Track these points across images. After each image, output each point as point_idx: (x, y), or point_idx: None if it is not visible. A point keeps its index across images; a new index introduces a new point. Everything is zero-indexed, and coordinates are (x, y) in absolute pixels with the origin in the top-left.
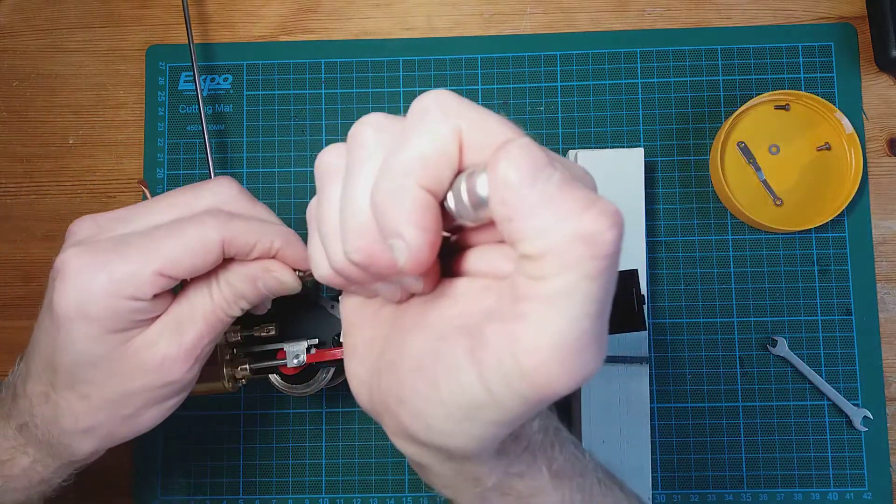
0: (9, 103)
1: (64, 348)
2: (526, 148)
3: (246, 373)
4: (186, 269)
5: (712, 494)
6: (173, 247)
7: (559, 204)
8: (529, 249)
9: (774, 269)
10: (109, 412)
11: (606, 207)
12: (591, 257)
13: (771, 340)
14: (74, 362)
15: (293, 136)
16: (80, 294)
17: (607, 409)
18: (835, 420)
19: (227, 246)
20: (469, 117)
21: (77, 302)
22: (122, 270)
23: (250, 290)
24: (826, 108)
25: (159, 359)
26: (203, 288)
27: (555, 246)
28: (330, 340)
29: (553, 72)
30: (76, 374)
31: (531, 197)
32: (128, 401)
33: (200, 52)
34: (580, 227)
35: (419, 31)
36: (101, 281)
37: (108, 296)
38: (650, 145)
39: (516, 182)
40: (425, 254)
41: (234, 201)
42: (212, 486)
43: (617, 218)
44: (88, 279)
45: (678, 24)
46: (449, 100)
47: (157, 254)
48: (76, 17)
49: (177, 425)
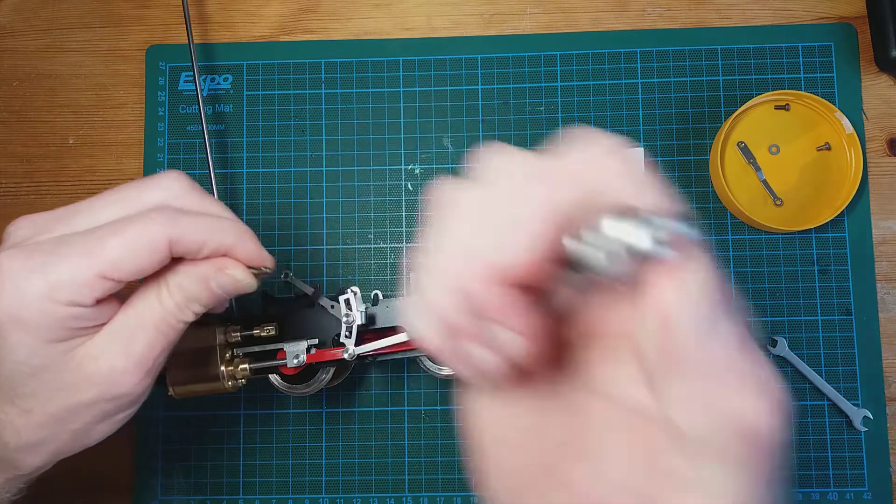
0: (9, 103)
1: (1, 359)
2: (705, 279)
3: (246, 373)
4: (130, 270)
5: None
6: (116, 247)
7: (729, 376)
8: (682, 423)
9: (774, 269)
10: (55, 428)
11: (776, 392)
12: (754, 456)
13: (771, 340)
14: (13, 373)
15: (293, 136)
16: (14, 299)
17: None
18: (835, 420)
19: (175, 245)
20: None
21: (11, 308)
22: (59, 273)
23: (203, 292)
24: (826, 108)
25: (106, 371)
26: (151, 293)
27: (714, 432)
28: (330, 340)
29: (553, 72)
30: (16, 387)
31: (696, 353)
32: (74, 416)
33: (200, 52)
34: (747, 418)
35: (419, 31)
36: (36, 284)
37: (44, 301)
38: (650, 145)
39: (686, 328)
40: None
41: (184, 196)
42: (212, 486)
43: (784, 407)
44: (23, 283)
45: (678, 24)
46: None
47: (99, 255)
48: (76, 17)
49: (177, 425)
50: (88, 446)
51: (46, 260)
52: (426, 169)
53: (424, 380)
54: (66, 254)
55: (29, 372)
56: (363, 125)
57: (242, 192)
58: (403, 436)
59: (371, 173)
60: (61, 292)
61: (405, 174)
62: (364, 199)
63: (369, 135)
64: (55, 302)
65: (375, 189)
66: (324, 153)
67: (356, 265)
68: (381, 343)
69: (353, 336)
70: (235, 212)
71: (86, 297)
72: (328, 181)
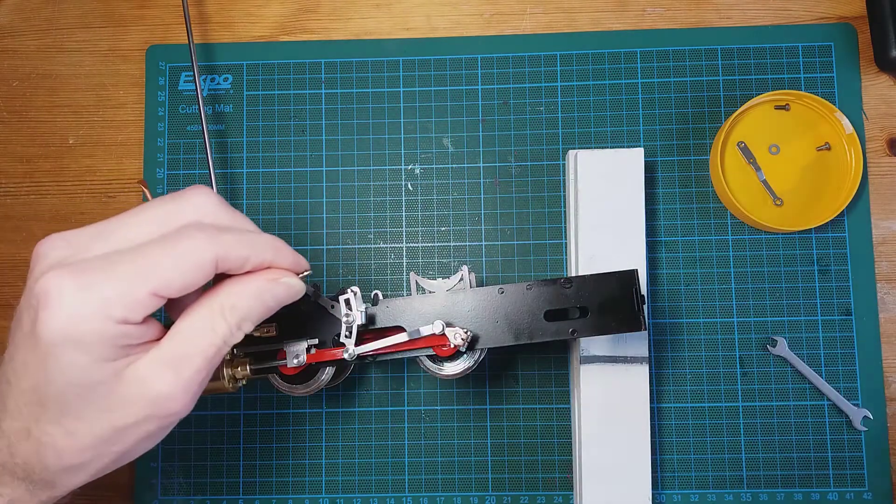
0: (9, 103)
1: (52, 380)
2: None
3: (246, 373)
4: (179, 288)
5: (712, 494)
6: (168, 266)
7: None
8: None
9: (774, 269)
10: (99, 449)
11: None
12: None
13: (771, 340)
14: (61, 394)
15: (293, 136)
16: (69, 319)
17: (607, 409)
18: (835, 420)
19: (222, 261)
20: None
21: (66, 328)
22: (113, 291)
23: (258, 308)
24: (826, 108)
25: (154, 395)
26: (203, 320)
27: None
28: (330, 340)
29: (553, 72)
30: (63, 409)
31: None
32: (119, 437)
33: (200, 52)
34: None
35: (419, 31)
36: (90, 303)
37: (98, 319)
38: (650, 145)
39: None
40: None
41: (216, 212)
42: (212, 486)
43: None
44: (78, 302)
45: (678, 24)
46: None
47: (152, 273)
48: (76, 17)
49: (177, 425)
50: (126, 462)
51: (99, 278)
52: (426, 169)
53: (424, 380)
54: (119, 272)
55: (78, 393)
56: (363, 125)
57: (242, 192)
58: (403, 436)
59: (371, 173)
60: (115, 310)
61: (405, 174)
62: (364, 199)
63: (369, 135)
64: (108, 320)
65: (375, 189)
66: (324, 153)
67: (356, 265)
68: (381, 343)
69: (353, 336)
70: None
71: (137, 314)
72: (328, 181)
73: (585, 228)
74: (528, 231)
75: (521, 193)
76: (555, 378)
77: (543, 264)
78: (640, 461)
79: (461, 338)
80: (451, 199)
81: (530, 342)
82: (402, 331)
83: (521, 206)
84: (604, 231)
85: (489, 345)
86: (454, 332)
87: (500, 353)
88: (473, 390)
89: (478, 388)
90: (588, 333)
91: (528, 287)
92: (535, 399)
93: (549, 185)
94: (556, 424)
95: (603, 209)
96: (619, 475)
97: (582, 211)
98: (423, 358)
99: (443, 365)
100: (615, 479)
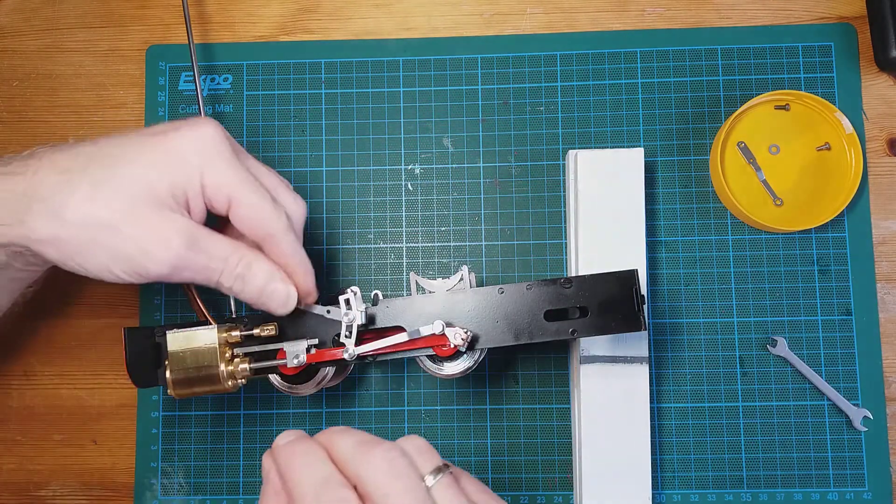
0: (9, 103)
1: (147, 177)
2: None
3: (246, 373)
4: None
5: (712, 494)
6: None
7: None
8: None
9: (774, 269)
10: (82, 234)
11: None
12: None
13: (771, 340)
14: (139, 183)
15: (293, 136)
16: (208, 143)
17: (607, 408)
18: (835, 420)
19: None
20: None
21: (200, 148)
22: (233, 157)
23: (251, 292)
24: (826, 108)
25: (155, 246)
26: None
27: None
28: (330, 340)
29: (553, 72)
30: (123, 191)
31: None
32: (99, 244)
33: (200, 52)
34: None
35: (419, 31)
36: (223, 148)
37: (220, 159)
38: (650, 145)
39: None
40: None
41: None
42: (212, 486)
43: None
44: (220, 140)
45: (678, 24)
46: None
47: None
48: (76, 17)
49: (177, 425)
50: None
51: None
52: (426, 169)
53: (424, 380)
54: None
55: (148, 196)
56: (363, 125)
57: None
58: (403, 436)
59: (371, 173)
60: (222, 171)
61: (405, 174)
62: (364, 199)
63: (369, 135)
64: (214, 170)
65: (375, 189)
66: (324, 153)
67: (356, 265)
68: (381, 343)
69: (353, 336)
70: None
71: (220, 187)
72: (328, 181)
73: (585, 228)
74: (528, 231)
75: (521, 193)
76: (555, 378)
77: (543, 264)
78: (640, 461)
79: (461, 338)
80: (451, 199)
81: (530, 342)
82: (402, 331)
83: (521, 206)
84: (604, 231)
85: (489, 345)
86: (454, 332)
87: (500, 353)
88: (473, 390)
89: (478, 388)
90: (588, 333)
91: (528, 287)
92: (535, 399)
93: (549, 185)
94: (556, 424)
95: (603, 209)
96: (619, 475)
97: (582, 211)
98: (423, 358)
99: (443, 365)
100: (615, 479)
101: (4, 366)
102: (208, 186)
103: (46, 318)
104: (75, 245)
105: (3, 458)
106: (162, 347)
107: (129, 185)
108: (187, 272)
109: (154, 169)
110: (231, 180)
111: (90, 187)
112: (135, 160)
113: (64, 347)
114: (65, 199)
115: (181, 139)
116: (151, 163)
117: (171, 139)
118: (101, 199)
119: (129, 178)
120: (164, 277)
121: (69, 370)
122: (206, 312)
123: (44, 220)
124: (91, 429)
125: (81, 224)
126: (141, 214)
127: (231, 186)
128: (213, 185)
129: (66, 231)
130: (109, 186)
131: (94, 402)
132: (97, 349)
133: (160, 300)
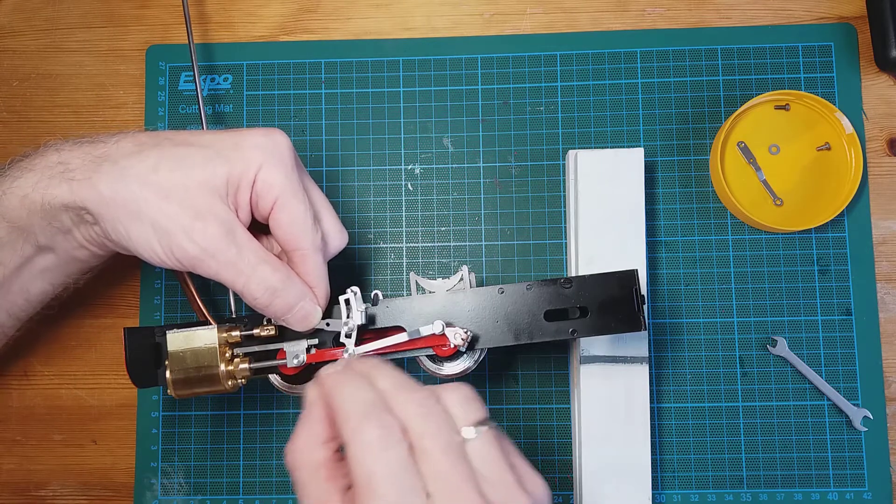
0: (9, 103)
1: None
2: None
3: (246, 373)
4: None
5: (712, 494)
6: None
7: None
8: None
9: (774, 269)
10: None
11: None
12: None
13: (771, 340)
14: (200, 166)
15: (293, 137)
16: (273, 146)
17: (607, 408)
18: (835, 420)
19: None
20: None
21: (265, 147)
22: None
23: (264, 297)
24: (826, 108)
25: (177, 243)
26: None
27: None
28: (330, 340)
29: (553, 72)
30: (184, 169)
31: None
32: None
33: (200, 52)
34: None
35: (419, 31)
36: (287, 155)
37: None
38: (650, 145)
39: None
40: None
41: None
42: (212, 486)
43: None
44: (285, 147)
45: (678, 24)
46: None
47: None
48: (76, 17)
49: (177, 425)
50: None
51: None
52: (426, 169)
53: (424, 380)
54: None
55: (198, 186)
56: (363, 125)
57: None
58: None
59: (371, 173)
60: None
61: (405, 174)
62: (364, 199)
63: (369, 135)
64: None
65: (375, 189)
66: (324, 153)
67: (356, 265)
68: (381, 343)
69: (354, 336)
70: None
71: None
72: (328, 181)
73: (585, 228)
74: (528, 231)
75: (521, 193)
76: (555, 378)
77: (543, 264)
78: (640, 461)
79: (461, 338)
80: (451, 199)
81: (530, 342)
82: (402, 331)
83: (521, 206)
84: (604, 231)
85: (489, 345)
86: (454, 332)
87: (500, 353)
88: None
89: (478, 388)
90: (588, 333)
91: (528, 287)
92: (535, 399)
93: (549, 185)
94: (556, 424)
95: (603, 209)
96: (619, 475)
97: (582, 211)
98: (423, 358)
99: (443, 365)
100: (615, 479)
101: (4, 366)
102: (260, 181)
103: (46, 318)
104: (128, 209)
105: (3, 458)
106: (162, 347)
107: (191, 165)
108: (214, 263)
109: (219, 157)
110: (283, 183)
111: (156, 159)
112: (204, 147)
113: (64, 347)
114: (131, 163)
115: (251, 137)
116: (218, 152)
117: (242, 136)
118: (164, 169)
119: (192, 159)
120: (196, 263)
121: (69, 370)
122: (206, 312)
123: (108, 179)
124: (91, 429)
125: (138, 187)
126: (193, 194)
127: (281, 188)
128: (265, 181)
129: (124, 192)
130: (174, 161)
131: (94, 402)
132: (97, 349)
133: (160, 300)
